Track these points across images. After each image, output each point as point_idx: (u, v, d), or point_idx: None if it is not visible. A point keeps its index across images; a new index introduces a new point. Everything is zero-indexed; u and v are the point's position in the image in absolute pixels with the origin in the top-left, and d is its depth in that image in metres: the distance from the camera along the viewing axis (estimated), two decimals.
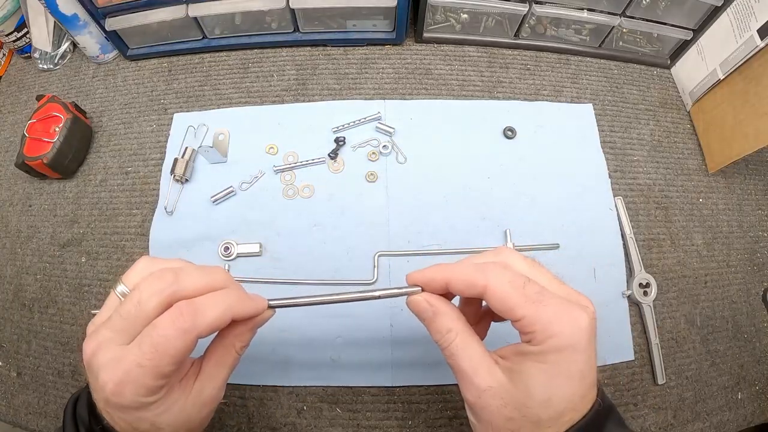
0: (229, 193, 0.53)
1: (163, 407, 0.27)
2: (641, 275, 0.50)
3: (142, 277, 0.28)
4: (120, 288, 0.28)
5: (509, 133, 0.57)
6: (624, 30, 0.60)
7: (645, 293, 0.49)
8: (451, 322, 0.29)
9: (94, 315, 0.29)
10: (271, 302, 0.31)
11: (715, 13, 0.55)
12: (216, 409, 0.32)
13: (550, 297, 0.26)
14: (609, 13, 0.57)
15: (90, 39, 0.60)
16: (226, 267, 0.50)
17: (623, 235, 0.52)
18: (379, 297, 0.32)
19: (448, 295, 0.31)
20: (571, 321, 0.25)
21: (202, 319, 0.26)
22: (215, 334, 0.30)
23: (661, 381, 0.47)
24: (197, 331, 0.26)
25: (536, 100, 0.60)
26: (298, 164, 0.55)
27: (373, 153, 0.55)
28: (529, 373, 0.26)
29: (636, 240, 0.53)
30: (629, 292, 0.49)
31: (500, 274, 0.27)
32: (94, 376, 0.26)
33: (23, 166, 0.53)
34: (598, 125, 0.59)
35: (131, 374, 0.25)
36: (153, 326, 0.26)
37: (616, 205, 0.54)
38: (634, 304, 0.50)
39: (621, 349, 0.49)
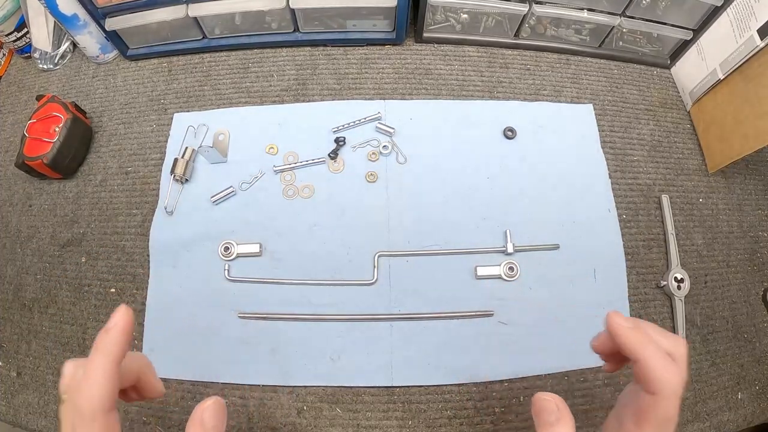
0: (229, 193, 0.53)
1: None
2: (677, 270, 0.52)
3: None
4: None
5: (509, 133, 0.57)
6: (624, 30, 0.60)
7: (678, 287, 0.51)
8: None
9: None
10: None
11: (715, 13, 0.55)
12: None
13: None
14: (609, 13, 0.57)
15: (90, 39, 0.60)
16: (226, 267, 0.50)
17: (665, 231, 0.54)
18: None
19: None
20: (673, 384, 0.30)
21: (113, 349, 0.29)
22: None
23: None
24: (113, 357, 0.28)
25: (536, 100, 0.60)
26: (298, 164, 0.55)
27: (373, 153, 0.55)
28: None
29: (641, 240, 0.53)
30: (664, 283, 0.51)
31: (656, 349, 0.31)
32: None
33: (23, 166, 0.53)
34: (598, 125, 0.59)
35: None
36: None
37: (660, 202, 0.55)
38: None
39: None
